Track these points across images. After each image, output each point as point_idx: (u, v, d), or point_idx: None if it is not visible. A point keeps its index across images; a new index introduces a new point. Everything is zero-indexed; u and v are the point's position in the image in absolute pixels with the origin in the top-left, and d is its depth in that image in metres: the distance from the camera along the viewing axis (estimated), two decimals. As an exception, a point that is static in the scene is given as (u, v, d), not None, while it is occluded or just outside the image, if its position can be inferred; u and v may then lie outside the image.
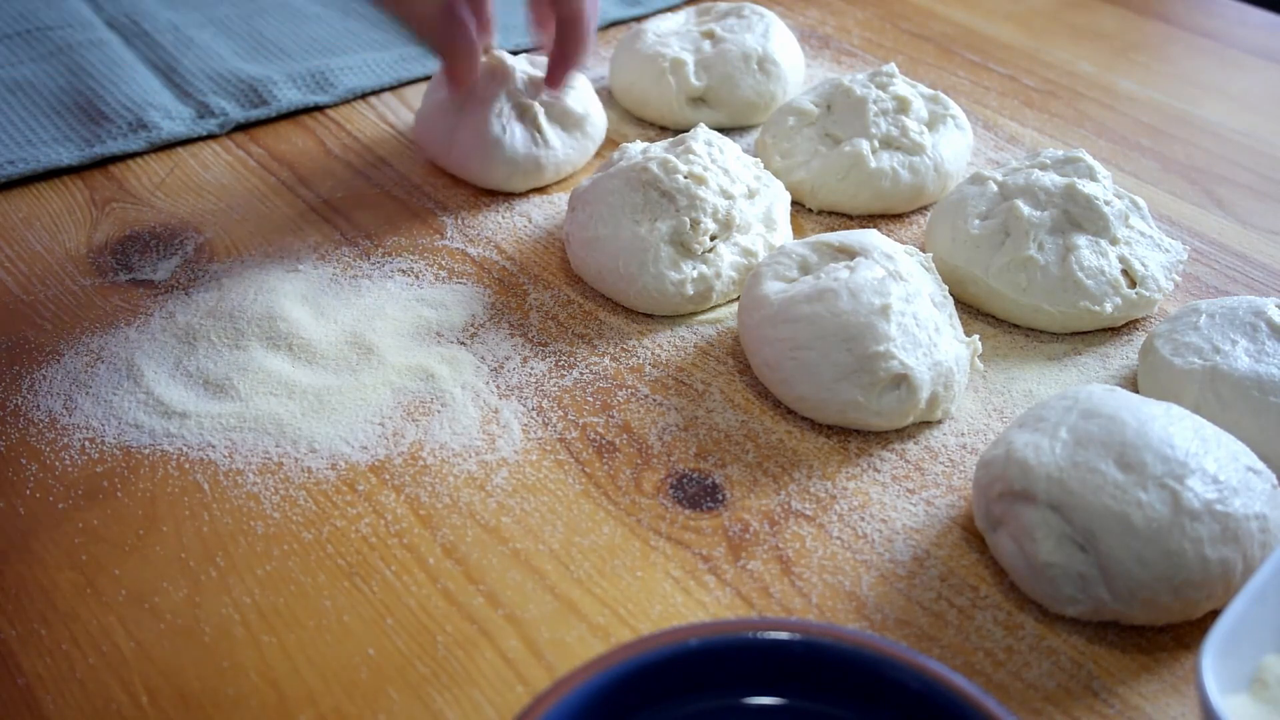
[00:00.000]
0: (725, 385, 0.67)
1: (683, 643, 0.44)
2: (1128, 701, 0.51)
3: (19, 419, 0.62)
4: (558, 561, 0.56)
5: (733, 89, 0.88)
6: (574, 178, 0.84)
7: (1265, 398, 0.60)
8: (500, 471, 0.61)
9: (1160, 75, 1.03)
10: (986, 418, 0.65)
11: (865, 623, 0.54)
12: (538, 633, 0.53)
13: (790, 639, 0.45)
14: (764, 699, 0.45)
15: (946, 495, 0.60)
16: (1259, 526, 0.52)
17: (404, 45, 0.99)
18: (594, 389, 0.66)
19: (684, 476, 0.61)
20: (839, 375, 0.62)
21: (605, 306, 0.72)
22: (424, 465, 0.61)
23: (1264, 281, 0.77)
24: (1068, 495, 0.52)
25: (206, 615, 0.53)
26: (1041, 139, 0.92)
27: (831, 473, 0.61)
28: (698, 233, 0.70)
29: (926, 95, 0.84)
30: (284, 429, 0.62)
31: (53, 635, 0.52)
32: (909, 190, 0.80)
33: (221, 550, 0.56)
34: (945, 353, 0.63)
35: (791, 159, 0.82)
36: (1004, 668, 0.52)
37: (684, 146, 0.74)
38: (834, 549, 0.57)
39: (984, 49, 1.06)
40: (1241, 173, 0.89)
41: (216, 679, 0.50)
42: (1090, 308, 0.69)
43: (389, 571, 0.55)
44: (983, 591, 0.55)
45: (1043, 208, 0.71)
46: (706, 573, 0.56)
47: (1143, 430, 0.53)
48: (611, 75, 0.94)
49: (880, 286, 0.63)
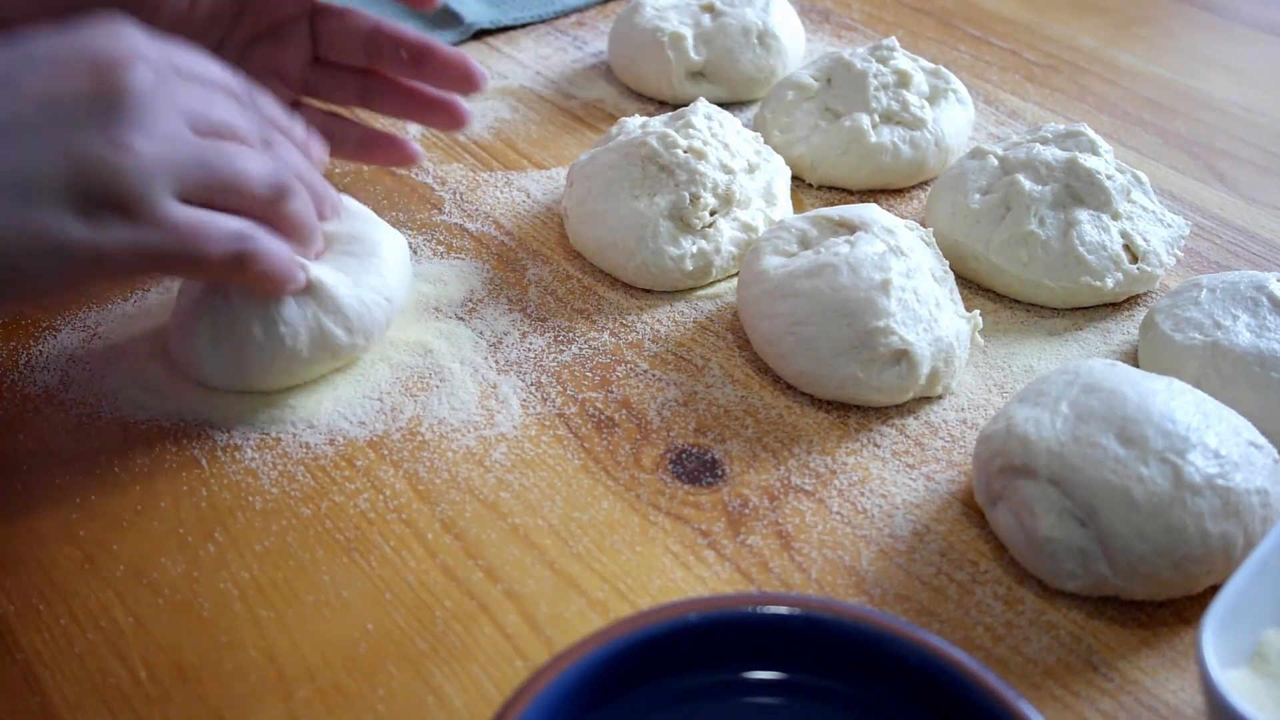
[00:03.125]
0: (725, 360, 0.67)
1: (682, 617, 0.44)
2: (1127, 676, 0.51)
3: (15, 395, 0.62)
4: (556, 537, 0.56)
5: (733, 63, 0.88)
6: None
7: (1266, 373, 0.60)
8: (499, 447, 0.61)
9: (1162, 49, 1.02)
10: (987, 393, 0.65)
11: (865, 597, 0.54)
12: (536, 608, 0.53)
13: (790, 614, 0.44)
14: (763, 674, 0.45)
15: (946, 470, 0.60)
16: (1260, 501, 0.52)
17: (401, 15, 0.98)
18: (593, 364, 0.66)
19: (683, 452, 0.61)
20: (839, 350, 0.62)
21: (604, 282, 0.72)
22: (422, 440, 0.61)
23: (1265, 256, 0.77)
24: (1068, 470, 0.52)
25: (205, 590, 0.53)
26: (1043, 114, 0.92)
27: (831, 448, 0.61)
28: (697, 208, 0.70)
29: (927, 69, 0.83)
30: (282, 404, 0.62)
31: (51, 610, 0.52)
32: (909, 165, 0.80)
33: (220, 525, 0.56)
34: (945, 328, 0.63)
35: (791, 134, 0.81)
36: (1004, 642, 0.52)
37: (683, 121, 0.74)
38: (834, 524, 0.57)
39: (985, 23, 1.05)
40: (1243, 147, 0.88)
41: (215, 654, 0.50)
42: (1091, 283, 0.69)
43: (387, 547, 0.55)
44: (982, 566, 0.55)
45: (1044, 182, 0.70)
46: (706, 548, 0.56)
47: (1144, 405, 0.53)
48: (610, 49, 0.93)
49: (880, 261, 0.63)
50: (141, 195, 0.48)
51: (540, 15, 1.02)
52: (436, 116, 0.72)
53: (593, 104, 0.91)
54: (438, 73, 0.70)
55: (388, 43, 0.70)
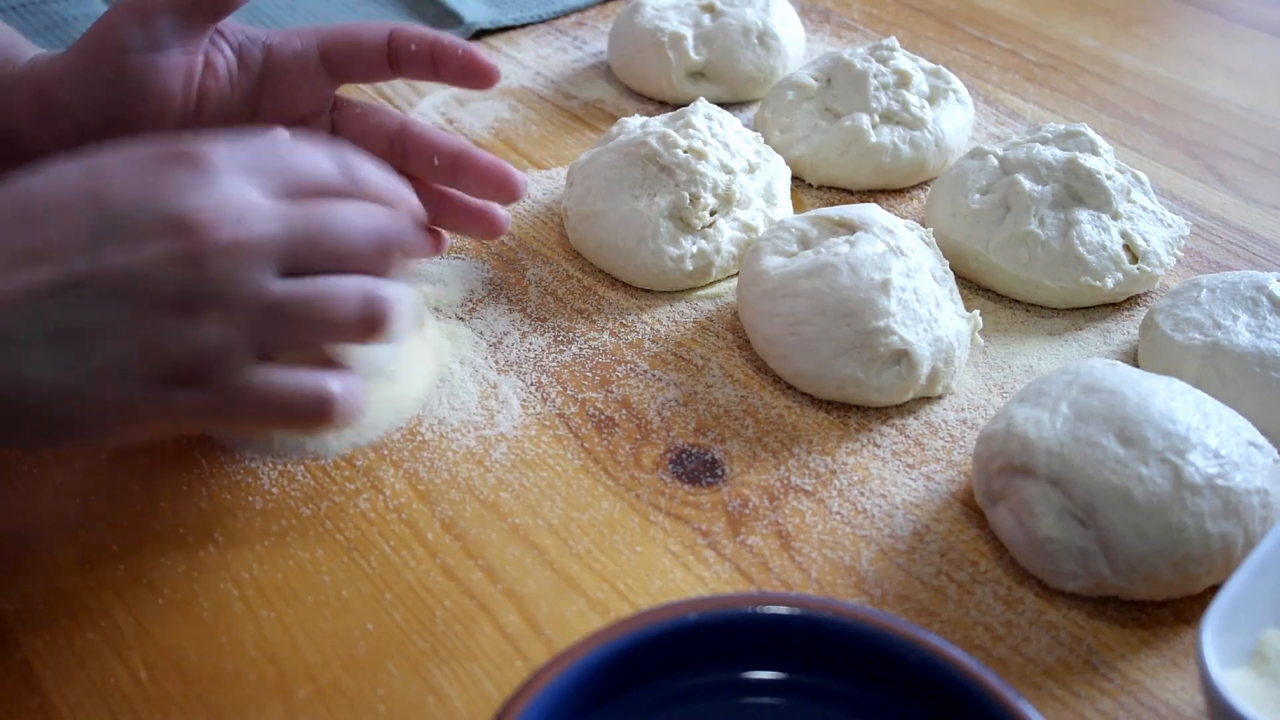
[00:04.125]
0: (725, 360, 0.67)
1: (682, 617, 0.44)
2: (1127, 676, 0.51)
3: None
4: (556, 537, 0.56)
5: (733, 63, 0.88)
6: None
7: (1266, 373, 0.60)
8: (499, 447, 0.60)
9: (1163, 50, 1.02)
10: (987, 393, 0.65)
11: (865, 597, 0.54)
12: (536, 608, 0.53)
13: (790, 614, 0.44)
14: (763, 673, 0.45)
15: (946, 470, 0.60)
16: (1260, 501, 0.52)
17: (403, 15, 0.98)
18: (593, 364, 0.66)
19: (683, 452, 0.61)
20: (839, 351, 0.62)
21: (604, 282, 0.72)
22: (422, 440, 0.61)
23: (1266, 256, 0.77)
24: (1068, 470, 0.52)
25: (205, 590, 0.53)
26: (1043, 114, 0.92)
27: (831, 448, 0.61)
28: (697, 208, 0.70)
29: (928, 69, 0.83)
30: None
31: (50, 611, 0.52)
32: (909, 165, 0.80)
33: (219, 526, 0.56)
34: (946, 328, 0.63)
35: (791, 134, 0.81)
36: (1003, 643, 0.52)
37: (683, 121, 0.74)
38: (833, 524, 0.57)
39: (985, 23, 1.05)
40: (1244, 147, 0.88)
41: (215, 654, 0.50)
42: (1091, 283, 0.69)
43: (387, 547, 0.55)
44: (982, 566, 0.55)
45: (1044, 182, 0.70)
46: (706, 548, 0.56)
47: (1144, 405, 0.53)
48: (610, 49, 0.93)
49: (880, 261, 0.63)
50: (215, 370, 0.46)
51: (540, 15, 1.02)
52: (472, 225, 0.66)
53: (593, 104, 0.91)
54: (475, 181, 0.64)
55: (417, 145, 0.65)
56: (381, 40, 0.63)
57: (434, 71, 0.64)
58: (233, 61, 0.62)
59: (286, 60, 0.63)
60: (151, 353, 0.45)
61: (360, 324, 0.49)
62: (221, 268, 0.45)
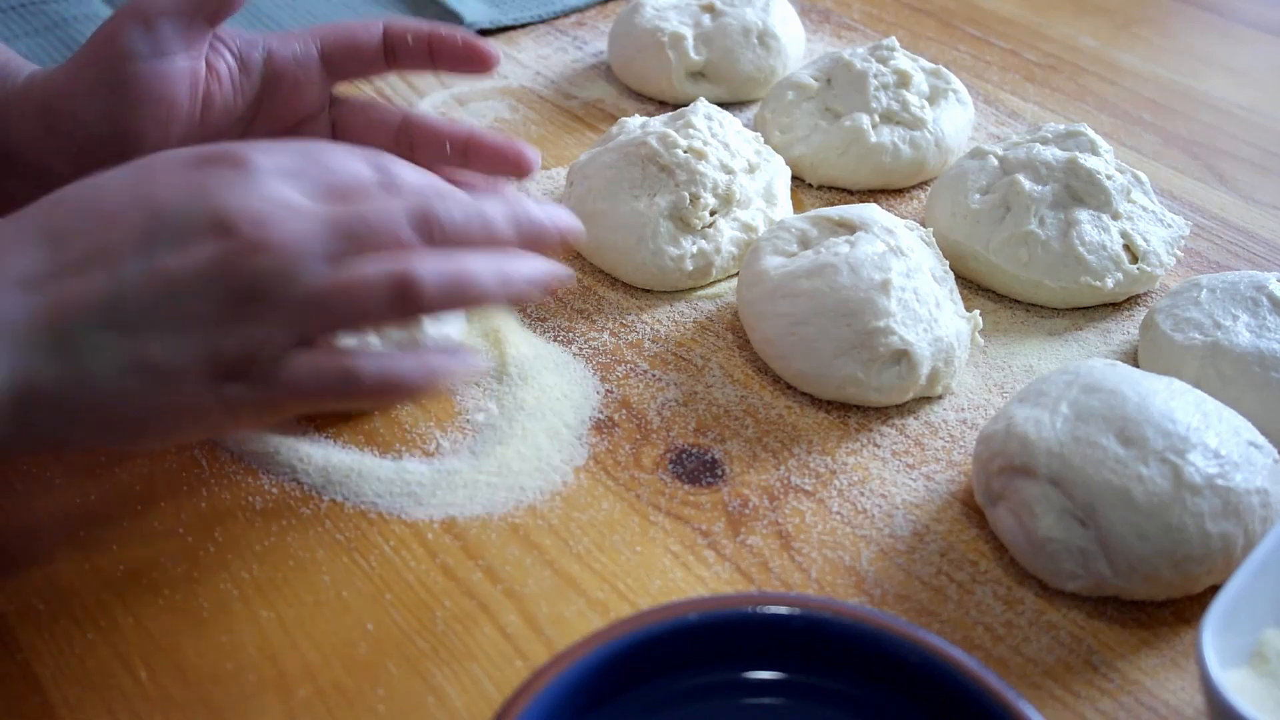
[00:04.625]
0: (725, 360, 0.67)
1: (682, 617, 0.44)
2: (1127, 676, 0.51)
3: (16, 394, 0.62)
4: (556, 537, 0.56)
5: (733, 63, 0.88)
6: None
7: (1266, 373, 0.60)
8: (499, 447, 0.60)
9: (1163, 50, 1.02)
10: (987, 393, 0.65)
11: (865, 597, 0.54)
12: (537, 608, 0.53)
13: (790, 614, 0.44)
14: (763, 674, 0.45)
15: (946, 470, 0.60)
16: (1260, 501, 0.52)
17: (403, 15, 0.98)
18: (593, 364, 0.66)
19: (683, 452, 0.61)
20: (839, 351, 0.62)
21: (604, 282, 0.72)
22: (422, 441, 0.61)
23: (1266, 256, 0.77)
24: (1068, 470, 0.52)
25: (205, 590, 0.53)
26: (1043, 114, 0.92)
27: (831, 448, 0.61)
28: (697, 208, 0.70)
29: (927, 69, 0.83)
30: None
31: (50, 610, 0.52)
32: (909, 165, 0.80)
33: (219, 526, 0.56)
34: (946, 328, 0.63)
35: (791, 134, 0.81)
36: (1003, 643, 0.52)
37: (683, 121, 0.74)
38: (833, 524, 0.57)
39: (985, 23, 1.05)
40: (1244, 147, 0.88)
41: (215, 653, 0.50)
42: (1091, 283, 0.69)
43: (387, 547, 0.55)
44: (982, 566, 0.55)
45: (1044, 182, 0.70)
46: (706, 548, 0.56)
47: (1144, 405, 0.53)
48: (610, 49, 0.93)
49: (880, 261, 0.63)
50: (263, 363, 0.47)
51: (540, 15, 1.02)
52: (503, 168, 0.66)
53: (593, 104, 0.91)
54: (488, 161, 0.64)
55: (424, 135, 0.65)
56: (376, 35, 0.64)
57: (431, 61, 0.64)
58: (234, 66, 0.62)
59: (287, 62, 0.63)
60: (206, 350, 0.45)
61: (392, 307, 0.48)
62: (266, 266, 0.45)
